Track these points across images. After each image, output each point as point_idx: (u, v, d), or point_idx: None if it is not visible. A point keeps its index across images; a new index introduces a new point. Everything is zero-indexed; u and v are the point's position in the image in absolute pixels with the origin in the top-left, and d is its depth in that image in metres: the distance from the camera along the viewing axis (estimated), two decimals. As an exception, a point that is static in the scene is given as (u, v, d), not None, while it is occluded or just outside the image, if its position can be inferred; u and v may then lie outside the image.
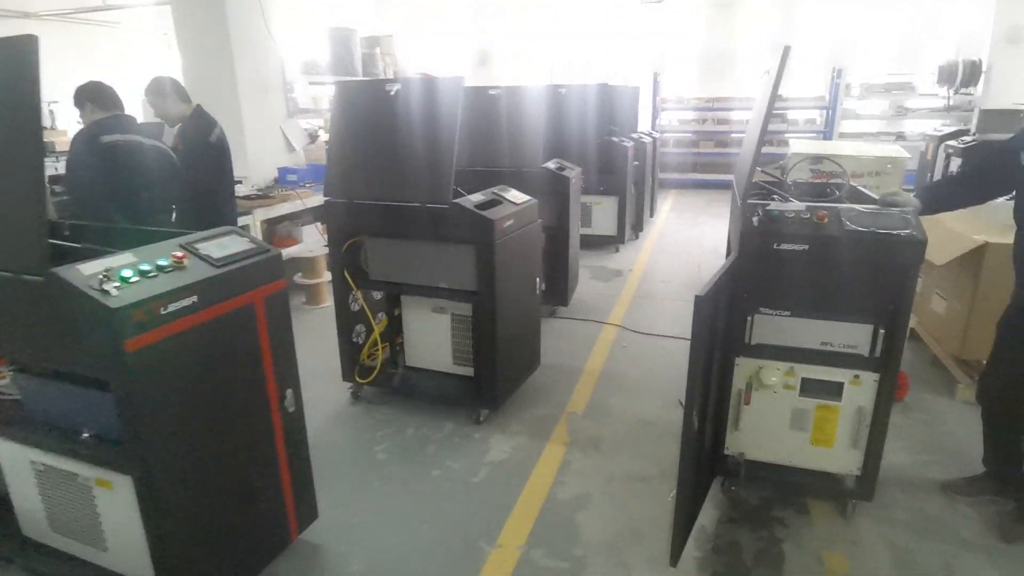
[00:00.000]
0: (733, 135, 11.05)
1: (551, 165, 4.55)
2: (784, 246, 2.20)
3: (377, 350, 3.62)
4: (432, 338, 3.48)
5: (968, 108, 9.09)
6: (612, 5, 11.24)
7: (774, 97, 2.35)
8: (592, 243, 6.76)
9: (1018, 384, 2.36)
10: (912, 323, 4.12)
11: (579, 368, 3.91)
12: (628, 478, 2.82)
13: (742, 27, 11.12)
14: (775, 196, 2.64)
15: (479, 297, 3.11)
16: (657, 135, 8.99)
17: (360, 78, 7.38)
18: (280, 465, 2.19)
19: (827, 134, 10.18)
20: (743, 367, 2.46)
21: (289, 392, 2.17)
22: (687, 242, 7.21)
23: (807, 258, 2.20)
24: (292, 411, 2.20)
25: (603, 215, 6.67)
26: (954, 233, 3.35)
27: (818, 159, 5.24)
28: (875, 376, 2.32)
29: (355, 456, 3.04)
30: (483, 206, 3.07)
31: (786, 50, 2.26)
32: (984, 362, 3.26)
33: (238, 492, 2.04)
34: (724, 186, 10.81)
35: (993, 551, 2.35)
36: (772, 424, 2.49)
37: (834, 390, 2.38)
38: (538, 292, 3.58)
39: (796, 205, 2.31)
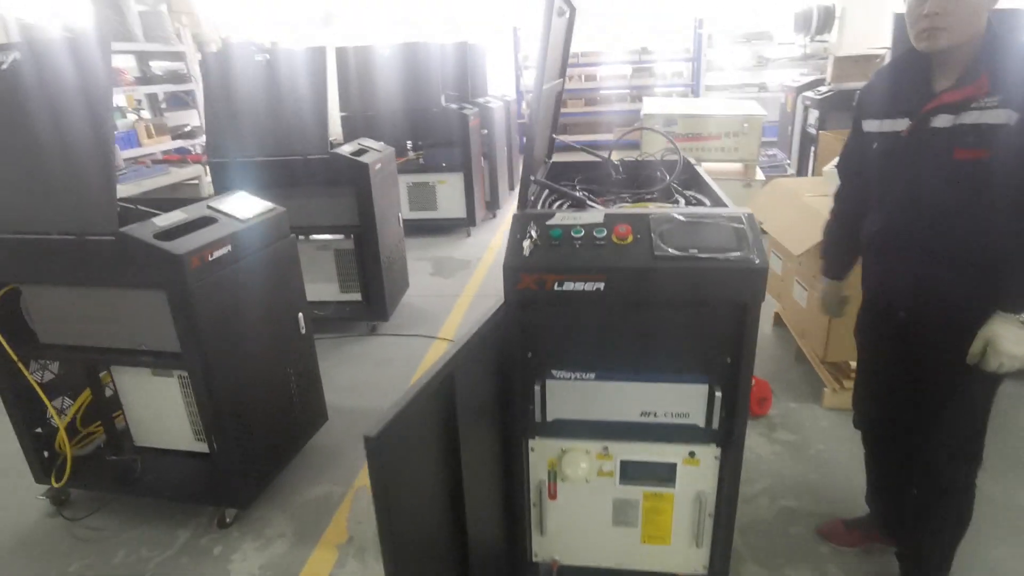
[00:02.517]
0: (602, 92, 10.45)
1: (347, 148, 3.60)
2: (569, 285, 1.42)
3: (88, 431, 2.59)
4: (162, 404, 2.49)
5: (824, 56, 8.95)
6: (462, -48, 10.15)
7: (549, 24, 1.53)
8: (440, 229, 5.91)
9: (899, 403, 1.77)
10: (776, 308, 3.62)
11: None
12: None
13: (602, -25, 10.41)
14: (571, 195, 1.85)
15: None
16: (512, 98, 8.14)
17: (140, 43, 5.96)
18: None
19: (694, 87, 9.81)
20: (540, 451, 1.70)
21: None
22: (549, 218, 6.51)
23: (606, 299, 1.44)
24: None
25: (449, 195, 5.80)
26: (811, 212, 2.77)
27: (672, 120, 4.62)
28: (715, 451, 1.63)
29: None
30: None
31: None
32: (853, 370, 2.76)
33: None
34: (596, 146, 10.22)
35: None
36: (589, 521, 1.77)
37: (664, 473, 1.68)
38: (302, 328, 2.66)
39: (590, 215, 1.53)
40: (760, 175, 4.73)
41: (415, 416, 1.12)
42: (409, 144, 5.97)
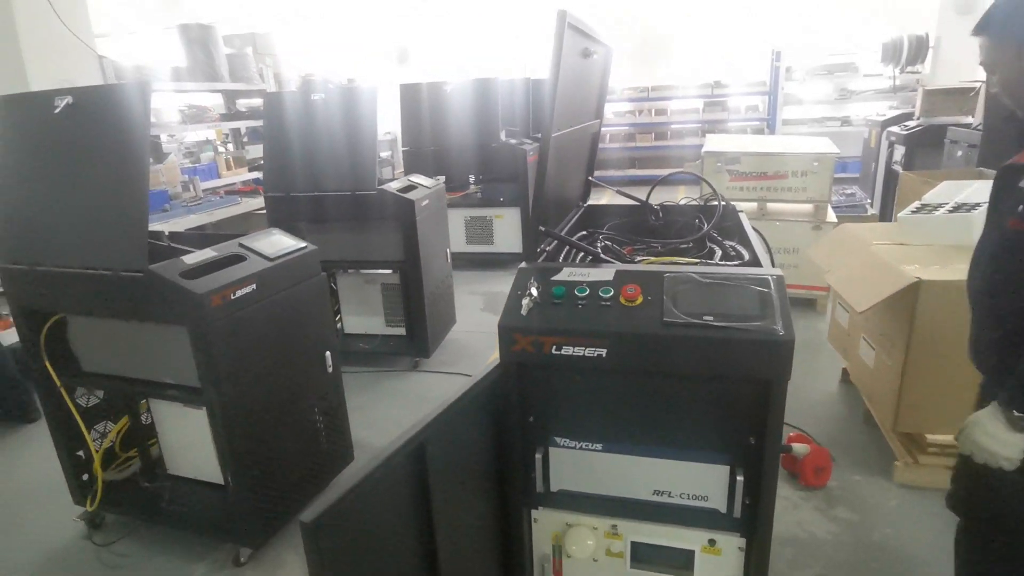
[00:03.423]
0: (673, 126, 10.24)
1: (395, 185, 3.63)
2: (568, 349, 1.30)
3: (127, 456, 2.66)
4: (192, 435, 2.52)
5: (915, 88, 8.38)
6: (535, -9, 10.33)
7: (556, 72, 1.44)
8: (495, 263, 5.87)
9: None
10: (842, 363, 3.30)
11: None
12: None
13: (677, 10, 10.29)
14: (584, 248, 1.72)
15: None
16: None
17: (226, 83, 6.36)
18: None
19: (770, 122, 9.42)
20: (544, 524, 1.56)
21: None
22: (608, 254, 6.34)
23: (609, 365, 1.30)
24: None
25: (505, 230, 5.77)
26: (878, 263, 2.50)
27: (735, 158, 4.40)
28: (739, 542, 1.43)
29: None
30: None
31: (561, 15, 1.36)
32: (930, 443, 2.45)
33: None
34: (664, 182, 9.98)
35: None
36: (597, 605, 1.60)
37: (680, 561, 1.49)
38: (329, 367, 2.63)
39: (600, 271, 1.41)
40: (832, 216, 4.40)
41: (373, 493, 1.02)
42: (472, 179, 6.03)
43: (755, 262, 1.61)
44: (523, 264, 1.48)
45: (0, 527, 2.66)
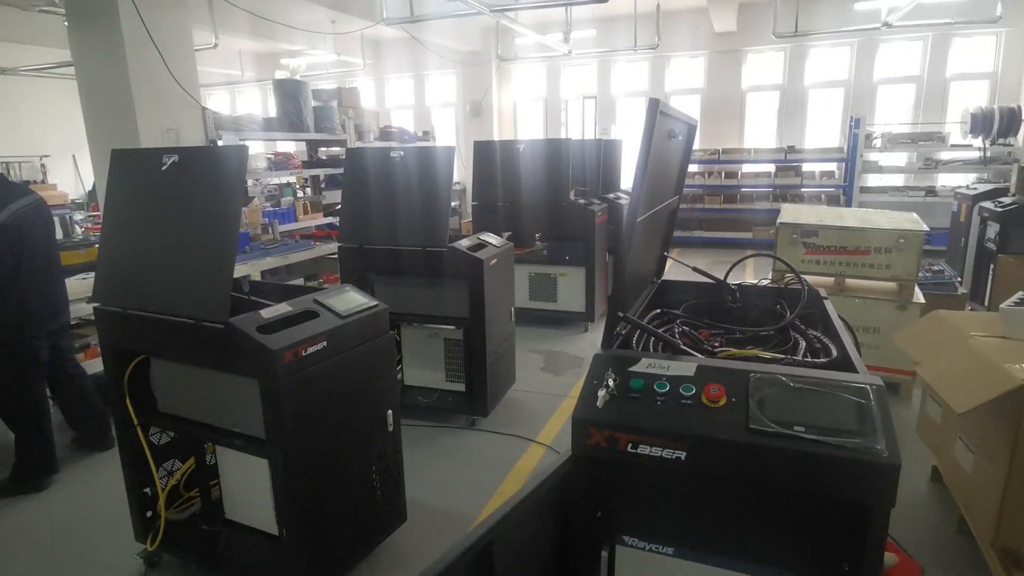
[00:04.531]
0: (743, 189, 10.08)
1: (465, 243, 3.68)
2: (645, 449, 1.23)
3: (189, 496, 2.72)
4: (253, 483, 2.55)
5: (1008, 160, 7.96)
6: (611, 54, 10.57)
7: (645, 159, 1.42)
8: (557, 321, 5.83)
9: None
10: (933, 459, 3.03)
11: (469, 520, 2.91)
12: None
13: (749, 73, 10.29)
14: (663, 337, 1.66)
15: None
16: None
17: (311, 134, 6.74)
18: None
19: (847, 189, 9.13)
20: (605, 628, 1.46)
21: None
22: (672, 318, 6.18)
23: (688, 470, 1.22)
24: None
25: (570, 289, 5.74)
26: (979, 359, 2.31)
27: (812, 231, 4.25)
28: (825, 676, 1.29)
29: None
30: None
31: (653, 104, 1.35)
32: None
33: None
34: (733, 244, 9.78)
35: None
36: None
37: None
38: (389, 426, 2.62)
39: (680, 365, 1.35)
40: (919, 296, 4.14)
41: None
42: (538, 236, 6.08)
43: (844, 361, 1.50)
44: (599, 351, 1.43)
45: (62, 554, 2.74)
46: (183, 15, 5.25)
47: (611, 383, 1.30)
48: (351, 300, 2.44)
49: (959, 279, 5.99)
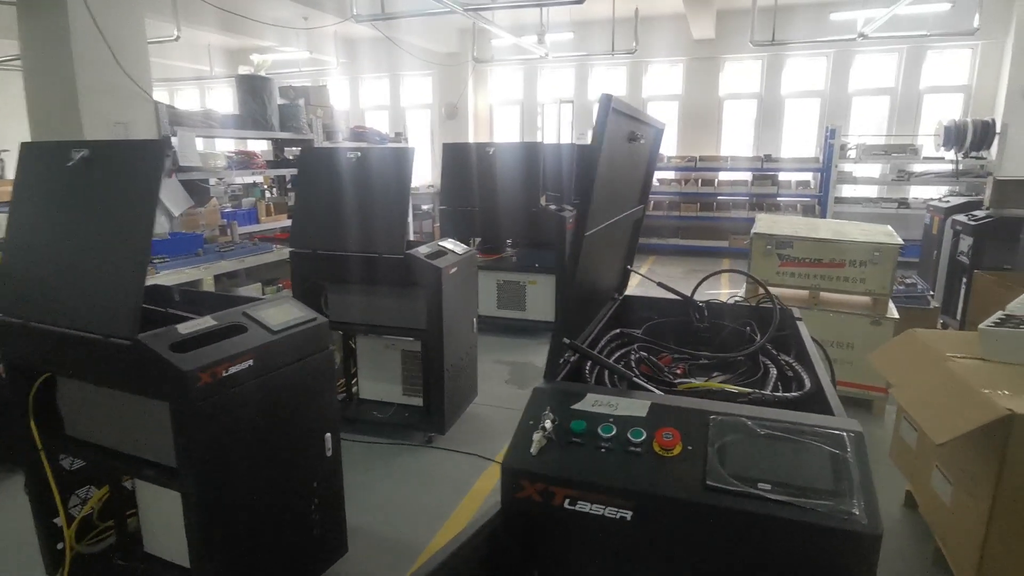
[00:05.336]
0: (719, 197, 10.01)
1: (423, 250, 3.47)
2: (584, 506, 1.04)
3: (106, 526, 2.46)
4: (172, 514, 2.31)
5: (980, 173, 8.00)
6: (589, 59, 10.46)
7: (594, 165, 1.24)
8: (525, 330, 5.64)
9: None
10: (906, 483, 2.90)
11: (416, 549, 2.70)
12: None
13: (727, 81, 10.25)
14: (616, 369, 1.47)
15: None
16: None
17: (275, 132, 6.48)
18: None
19: (822, 199, 9.11)
20: None
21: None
22: (645, 328, 6.03)
23: (635, 531, 1.03)
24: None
25: (539, 297, 5.55)
26: (956, 382, 2.17)
27: (786, 242, 4.13)
28: None
29: None
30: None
31: (605, 99, 1.17)
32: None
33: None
34: (709, 253, 9.71)
35: None
36: None
37: None
38: (328, 450, 2.39)
39: (632, 403, 1.16)
40: (893, 311, 4.04)
41: None
42: (509, 242, 5.90)
43: (819, 396, 1.33)
44: (540, 383, 1.24)
45: (-35, 592, 2.47)
46: (137, 5, 4.97)
47: (548, 425, 1.11)
48: (286, 313, 2.22)
49: (931, 293, 5.94)
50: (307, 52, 10.14)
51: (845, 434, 1.04)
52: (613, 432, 1.09)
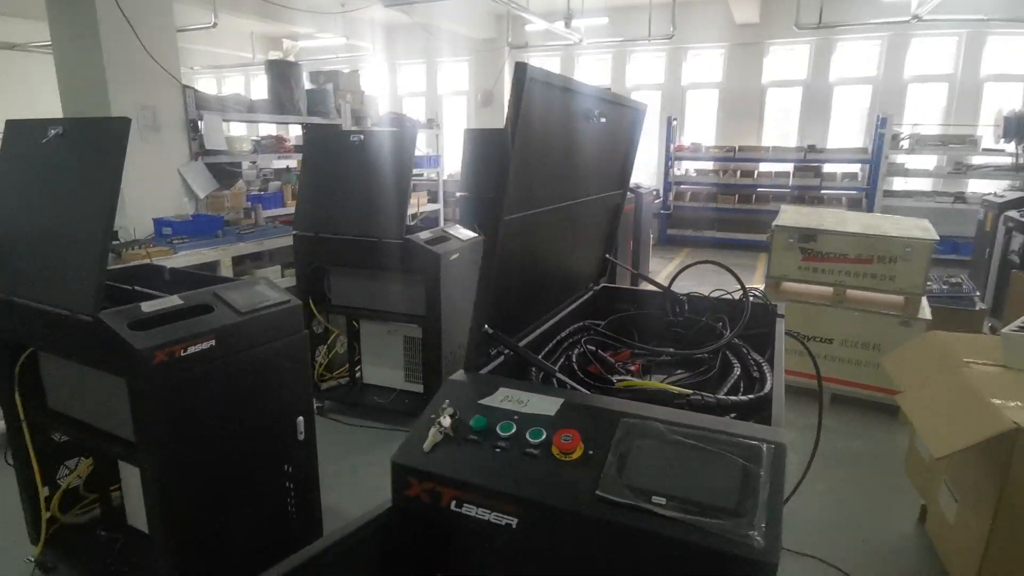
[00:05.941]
0: (759, 189, 9.62)
1: (424, 235, 3.42)
2: (470, 509, 0.96)
3: (94, 498, 2.52)
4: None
5: (1045, 168, 7.42)
6: (626, 45, 10.18)
7: (514, 131, 1.14)
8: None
9: None
10: (922, 499, 2.69)
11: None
12: None
13: (771, 68, 9.80)
14: (538, 362, 1.37)
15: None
16: (644, 190, 7.62)
17: (302, 117, 6.54)
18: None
19: (869, 192, 8.64)
20: None
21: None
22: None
23: (520, 541, 0.95)
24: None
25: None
26: (966, 389, 1.97)
27: (810, 235, 3.90)
28: None
29: None
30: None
31: (520, 67, 1.07)
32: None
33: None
34: (746, 246, 9.35)
35: None
36: None
37: None
38: (300, 434, 2.37)
39: (543, 401, 1.07)
40: (927, 311, 3.77)
41: None
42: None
43: (764, 405, 1.21)
44: (459, 372, 1.16)
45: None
46: (164, -10, 5.07)
47: (446, 420, 1.03)
48: (257, 295, 2.20)
49: (979, 295, 5.54)
50: (343, 38, 10.20)
51: (764, 446, 0.92)
52: (512, 431, 1.01)
